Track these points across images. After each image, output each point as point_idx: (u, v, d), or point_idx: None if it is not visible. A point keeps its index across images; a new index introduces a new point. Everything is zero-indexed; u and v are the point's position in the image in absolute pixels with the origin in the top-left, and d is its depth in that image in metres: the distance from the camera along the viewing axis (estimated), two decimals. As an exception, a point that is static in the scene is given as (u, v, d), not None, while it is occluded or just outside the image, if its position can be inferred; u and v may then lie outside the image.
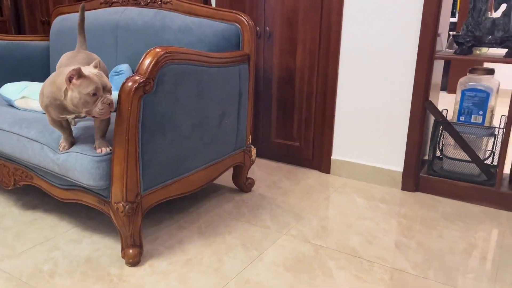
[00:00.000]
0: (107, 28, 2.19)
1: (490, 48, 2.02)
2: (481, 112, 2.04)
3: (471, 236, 1.77)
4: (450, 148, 2.17)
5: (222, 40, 1.89)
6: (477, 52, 2.11)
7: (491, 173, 2.06)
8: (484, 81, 2.04)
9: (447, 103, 4.18)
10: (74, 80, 1.30)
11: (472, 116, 2.07)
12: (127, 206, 1.45)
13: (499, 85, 2.06)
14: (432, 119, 2.26)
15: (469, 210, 2.00)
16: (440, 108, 2.25)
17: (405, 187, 2.21)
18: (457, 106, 2.11)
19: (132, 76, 1.39)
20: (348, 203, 2.07)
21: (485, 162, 2.10)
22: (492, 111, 2.07)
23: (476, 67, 2.10)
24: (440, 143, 2.21)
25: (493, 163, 2.14)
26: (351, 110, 2.29)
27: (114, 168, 1.43)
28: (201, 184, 1.81)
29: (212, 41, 1.87)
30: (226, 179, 2.31)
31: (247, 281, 1.46)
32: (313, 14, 2.26)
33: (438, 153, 2.26)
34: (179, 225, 1.82)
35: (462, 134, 2.07)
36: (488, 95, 2.02)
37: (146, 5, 2.12)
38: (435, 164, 2.26)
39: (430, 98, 2.12)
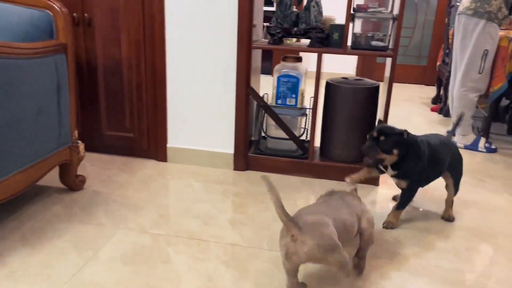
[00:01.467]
0: None
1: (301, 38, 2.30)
2: (294, 95, 2.33)
3: (292, 204, 2.02)
4: (272, 128, 2.41)
5: (32, 28, 1.71)
6: (288, 42, 2.37)
7: (305, 147, 2.37)
8: (294, 67, 2.32)
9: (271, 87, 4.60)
10: None
11: (287, 99, 2.34)
12: None
13: (306, 70, 2.36)
14: (255, 103, 2.47)
15: (289, 182, 2.27)
16: (263, 91, 2.47)
17: (237, 167, 2.39)
18: (275, 91, 2.36)
19: None
20: (186, 188, 2.14)
21: (300, 138, 2.41)
22: (302, 94, 2.37)
23: (287, 55, 2.37)
24: (264, 125, 2.45)
25: (307, 139, 2.46)
26: (182, 98, 2.34)
27: None
28: (21, 188, 1.64)
29: (18, 29, 1.69)
30: (52, 179, 2.14)
31: (83, 283, 1.40)
32: (134, 2, 2.22)
33: (262, 134, 2.49)
34: (-3, 237, 1.63)
35: (280, 116, 2.33)
36: (298, 80, 2.30)
37: None
38: (261, 144, 2.50)
39: (253, 83, 2.31)
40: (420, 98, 4.44)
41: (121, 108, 2.41)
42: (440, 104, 3.91)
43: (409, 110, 3.90)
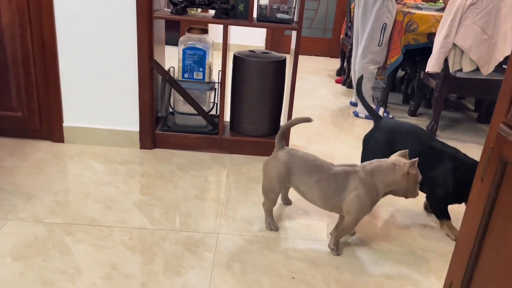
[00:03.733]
0: None
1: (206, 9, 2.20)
2: (201, 69, 2.24)
3: (202, 182, 1.98)
4: (180, 103, 2.32)
5: None
6: (192, 12, 2.26)
7: (215, 123, 2.32)
8: (200, 39, 2.23)
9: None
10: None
11: (194, 73, 2.25)
12: None
13: (213, 43, 2.28)
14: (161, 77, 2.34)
15: (199, 158, 2.22)
16: (170, 64, 2.35)
17: (144, 145, 2.27)
18: (181, 64, 2.25)
19: None
20: (86, 171, 1.98)
21: (209, 113, 2.35)
22: (210, 67, 2.30)
23: (192, 26, 2.26)
24: (171, 100, 2.34)
25: (216, 114, 2.41)
26: (78, 73, 2.13)
27: None
28: None
29: None
30: None
31: (-38, 287, 1.23)
32: (13, -38, 1.94)
33: (170, 110, 2.38)
34: None
35: (188, 90, 2.24)
36: (205, 53, 2.22)
37: None
38: (168, 120, 2.39)
39: (156, 56, 2.18)
40: (327, 70, 4.60)
41: (5, 85, 2.13)
42: (343, 76, 4.08)
43: (315, 83, 4.02)
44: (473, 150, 2.59)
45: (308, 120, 1.49)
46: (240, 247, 1.53)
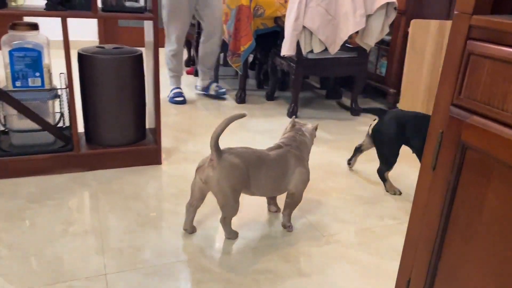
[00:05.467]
0: None
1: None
2: (37, 74, 1.81)
3: (66, 212, 1.61)
4: (15, 119, 1.85)
5: None
6: (13, 4, 1.80)
7: (66, 136, 1.93)
8: (30, 37, 1.79)
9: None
10: None
11: (29, 80, 1.80)
12: None
13: (48, 41, 1.87)
14: (-19, 89, 1.82)
15: (55, 183, 1.81)
16: (-12, 74, 1.84)
17: (-28, 180, 1.75)
18: (9, 70, 1.78)
19: None
20: None
21: (56, 126, 1.94)
22: (49, 70, 1.88)
23: (17, 22, 1.81)
24: (1, 116, 1.85)
25: (64, 126, 2.01)
26: None
27: None
28: None
29: None
30: None
31: None
32: None
33: (1, 128, 1.89)
34: None
35: (24, 102, 1.79)
36: (39, 53, 1.79)
37: None
38: (2, 142, 1.89)
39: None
40: (173, 61, 4.37)
41: None
42: (194, 66, 3.93)
43: (166, 76, 3.77)
44: (332, 125, 2.75)
45: (243, 115, 1.37)
46: (139, 285, 1.27)
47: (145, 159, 2.03)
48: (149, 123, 2.14)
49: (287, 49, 2.65)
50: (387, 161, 1.89)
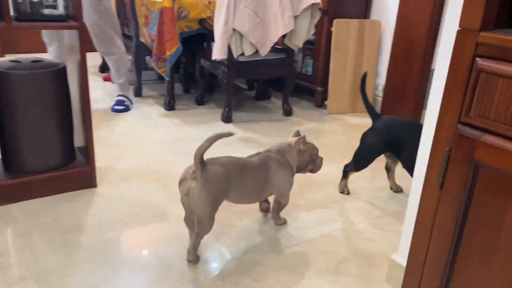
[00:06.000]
0: None
1: None
2: None
3: (-7, 258, 1.37)
4: None
5: None
6: None
7: (-19, 166, 1.65)
8: None
9: None
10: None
11: None
12: None
13: None
14: None
15: (-27, 223, 1.54)
16: None
17: None
18: None
19: None
20: None
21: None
22: (-49, 91, 1.59)
23: None
24: None
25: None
26: None
27: None
28: None
29: None
30: None
31: None
32: None
33: None
34: None
35: None
36: None
37: None
38: None
39: None
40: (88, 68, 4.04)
41: None
42: (109, 72, 3.66)
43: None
44: (266, 127, 2.73)
45: (229, 134, 1.33)
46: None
47: (78, 183, 1.82)
48: (77, 141, 1.93)
49: (218, 53, 2.57)
50: (358, 164, 1.89)
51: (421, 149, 1.10)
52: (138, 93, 3.26)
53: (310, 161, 1.62)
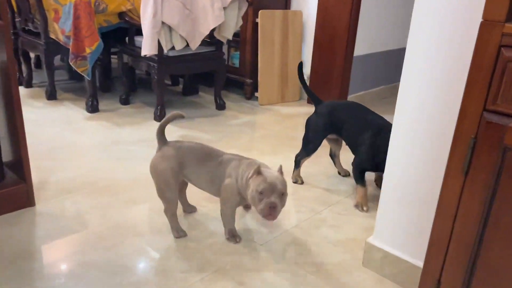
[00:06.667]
0: None
1: None
2: None
3: None
4: None
5: None
6: None
7: None
8: None
9: None
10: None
11: None
12: None
13: None
14: None
15: None
16: None
17: None
18: None
19: None
20: None
21: None
22: None
23: None
24: None
25: None
26: None
27: None
28: None
29: None
30: None
31: None
32: None
33: None
34: None
35: None
36: None
37: None
38: None
39: None
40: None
41: None
42: (20, 76, 3.25)
43: None
44: (204, 123, 2.66)
45: (181, 115, 1.49)
46: None
47: (13, 204, 1.60)
48: (5, 156, 1.68)
49: (148, 48, 2.42)
50: (309, 148, 1.93)
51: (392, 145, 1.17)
52: (52, 96, 2.94)
53: (253, 195, 1.34)
